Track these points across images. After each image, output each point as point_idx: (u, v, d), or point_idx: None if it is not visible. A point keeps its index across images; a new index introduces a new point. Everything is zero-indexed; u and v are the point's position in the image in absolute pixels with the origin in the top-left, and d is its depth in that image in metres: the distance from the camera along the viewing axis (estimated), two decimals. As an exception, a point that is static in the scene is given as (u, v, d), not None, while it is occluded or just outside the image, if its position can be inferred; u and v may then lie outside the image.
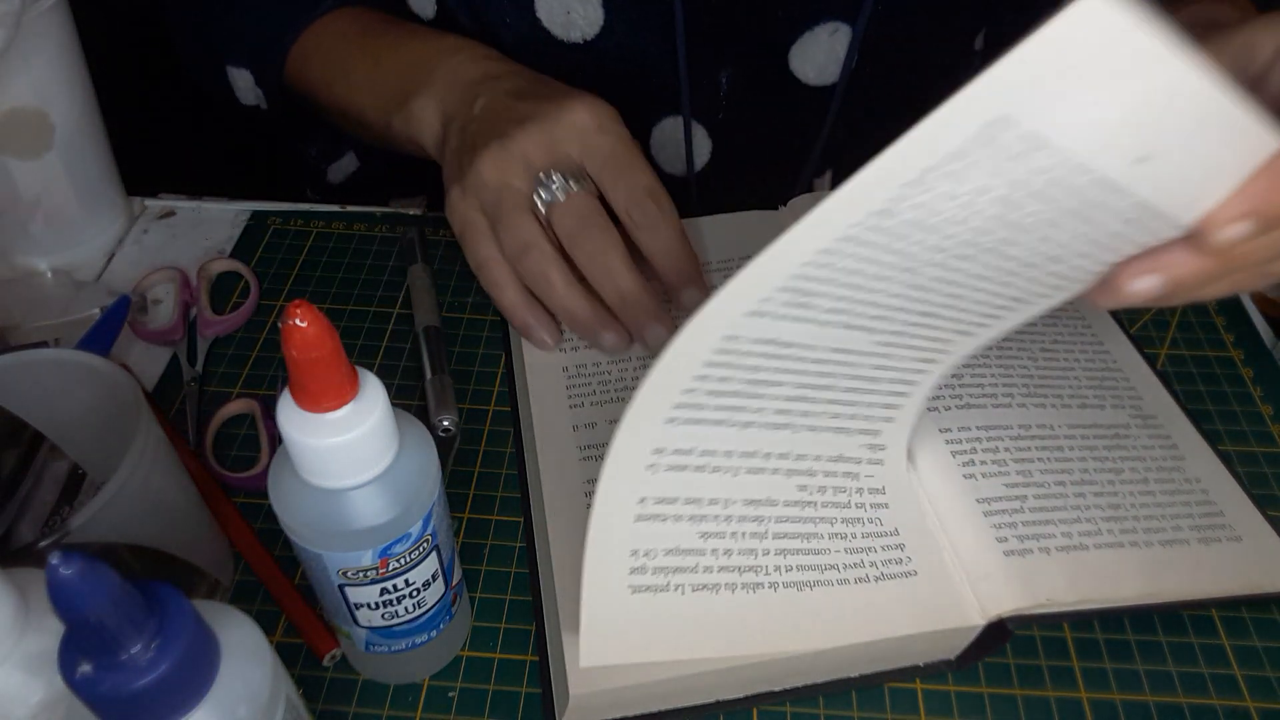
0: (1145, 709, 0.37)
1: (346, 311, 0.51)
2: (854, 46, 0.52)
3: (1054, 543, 0.38)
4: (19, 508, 0.38)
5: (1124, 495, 0.40)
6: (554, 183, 0.43)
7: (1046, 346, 0.46)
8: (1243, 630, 0.40)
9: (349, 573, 0.31)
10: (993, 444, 0.41)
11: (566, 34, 0.52)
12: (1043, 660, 0.39)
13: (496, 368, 0.49)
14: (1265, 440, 0.46)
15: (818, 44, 0.53)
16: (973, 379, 0.44)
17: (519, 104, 0.45)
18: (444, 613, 0.36)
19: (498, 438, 0.46)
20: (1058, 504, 0.39)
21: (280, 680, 0.27)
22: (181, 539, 0.36)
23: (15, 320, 0.49)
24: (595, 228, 0.43)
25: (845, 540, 0.38)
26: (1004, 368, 0.44)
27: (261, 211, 0.57)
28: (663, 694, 0.35)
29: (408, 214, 0.57)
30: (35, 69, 0.48)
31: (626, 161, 0.44)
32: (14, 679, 0.26)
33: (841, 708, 0.37)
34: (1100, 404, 0.44)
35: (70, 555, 0.21)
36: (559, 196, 0.43)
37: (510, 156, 0.44)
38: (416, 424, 0.31)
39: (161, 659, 0.23)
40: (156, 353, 0.49)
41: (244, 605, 0.33)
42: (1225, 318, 0.52)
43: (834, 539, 0.37)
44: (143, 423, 0.33)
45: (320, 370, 0.26)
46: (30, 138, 0.49)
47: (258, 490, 0.43)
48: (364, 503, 0.29)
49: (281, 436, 0.28)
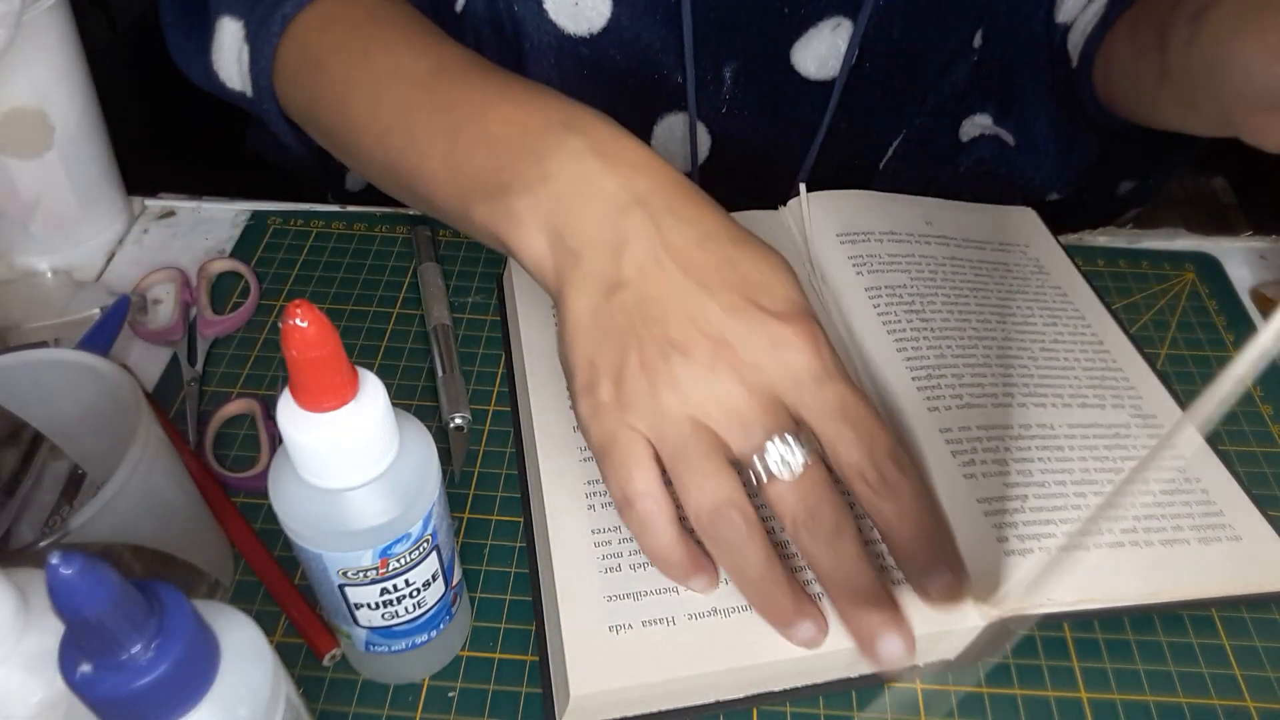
0: (1145, 709, 0.37)
1: (346, 311, 0.51)
2: (855, 41, 0.52)
3: (1054, 542, 0.38)
4: (19, 508, 0.38)
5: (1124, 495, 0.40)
6: (781, 451, 0.34)
7: (1046, 346, 0.46)
8: (1243, 630, 0.40)
9: (349, 573, 0.31)
10: (993, 444, 0.41)
11: (574, 26, 0.52)
12: (1043, 660, 0.39)
13: (496, 368, 0.49)
14: (1265, 440, 0.46)
15: (820, 38, 0.53)
16: (973, 378, 0.44)
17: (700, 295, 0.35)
18: (444, 613, 0.36)
19: (498, 438, 0.46)
20: (1058, 504, 0.39)
21: (280, 680, 0.27)
22: (181, 539, 0.36)
23: (15, 320, 0.49)
24: (829, 505, 0.34)
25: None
26: (1004, 368, 0.44)
27: (261, 211, 0.57)
28: (663, 693, 0.35)
29: (408, 214, 0.57)
30: (35, 69, 0.48)
31: (863, 415, 0.35)
32: (14, 679, 0.26)
33: (841, 707, 0.37)
34: (1100, 403, 0.44)
35: (70, 555, 0.21)
36: (792, 467, 0.34)
37: (705, 389, 0.35)
38: (417, 424, 0.31)
39: (161, 659, 0.23)
40: (156, 353, 0.49)
41: (244, 605, 0.32)
42: (1225, 318, 0.52)
43: None
44: (143, 423, 0.33)
45: (320, 370, 0.26)
46: (30, 138, 0.49)
47: (258, 490, 0.43)
48: (364, 503, 0.29)
49: (281, 436, 0.28)
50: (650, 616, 0.36)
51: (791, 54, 0.54)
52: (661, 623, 0.35)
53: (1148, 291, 0.53)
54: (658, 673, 0.34)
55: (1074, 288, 0.50)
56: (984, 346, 0.45)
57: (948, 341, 0.45)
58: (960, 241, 0.51)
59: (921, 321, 0.46)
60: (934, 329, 0.45)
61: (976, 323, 0.46)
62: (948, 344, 0.45)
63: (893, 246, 0.49)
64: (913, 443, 0.41)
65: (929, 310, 0.46)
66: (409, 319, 0.51)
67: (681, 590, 0.36)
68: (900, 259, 0.49)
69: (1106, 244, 0.56)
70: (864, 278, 0.47)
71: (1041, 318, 0.48)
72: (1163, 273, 0.54)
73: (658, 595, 0.36)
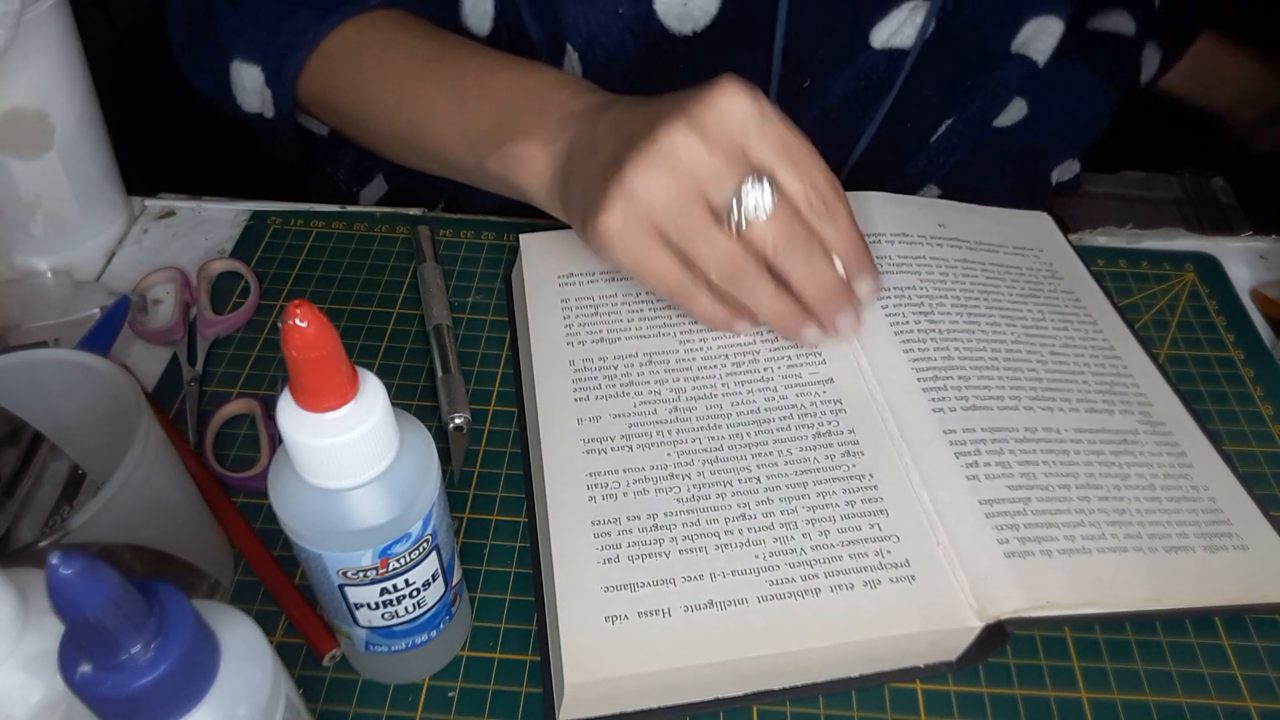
0: (1145, 709, 0.37)
1: (346, 311, 0.51)
2: (930, 16, 0.53)
3: (1056, 545, 0.38)
4: (19, 508, 0.38)
5: (1129, 500, 0.40)
6: (755, 195, 0.40)
7: (1056, 350, 0.46)
8: (1243, 630, 0.40)
9: (349, 573, 0.31)
10: (997, 445, 0.41)
11: (680, 25, 0.53)
12: (1043, 660, 0.39)
13: (496, 368, 0.49)
14: (1265, 440, 0.46)
15: (898, 17, 0.54)
16: (980, 380, 0.44)
17: (654, 104, 0.42)
18: (444, 613, 0.36)
19: (498, 438, 0.46)
20: (1061, 507, 0.39)
21: (280, 680, 0.27)
22: (181, 539, 0.36)
23: (15, 320, 0.49)
24: (800, 235, 0.41)
25: (843, 546, 0.38)
26: (1012, 370, 0.44)
27: (261, 211, 0.57)
28: (659, 686, 0.35)
29: (408, 214, 0.57)
30: (35, 69, 0.48)
31: (802, 152, 0.42)
32: (14, 679, 0.26)
33: (841, 707, 0.37)
34: (1109, 409, 0.44)
35: (70, 555, 0.21)
36: (763, 209, 0.40)
37: (672, 164, 0.40)
38: (416, 424, 0.31)
39: (161, 659, 0.23)
40: (156, 353, 0.49)
41: (244, 605, 0.33)
42: (1225, 318, 0.52)
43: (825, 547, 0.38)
44: (143, 423, 0.33)
45: (320, 370, 0.26)
46: (30, 138, 0.49)
47: (258, 490, 0.43)
48: (364, 503, 0.29)
49: (281, 436, 0.28)
50: (646, 608, 0.36)
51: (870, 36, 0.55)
52: (657, 614, 0.36)
53: (1148, 291, 0.53)
54: (653, 664, 0.35)
55: (1087, 293, 0.50)
56: (992, 349, 0.45)
57: (955, 343, 0.45)
58: (973, 245, 0.51)
59: (930, 323, 0.46)
60: (942, 331, 0.46)
61: (986, 325, 0.46)
62: (955, 345, 0.45)
63: (903, 248, 0.49)
64: (916, 443, 0.41)
65: (938, 312, 0.46)
66: (409, 319, 0.51)
67: (678, 582, 0.37)
68: (910, 260, 0.49)
69: (1106, 244, 0.56)
70: None
71: (1053, 322, 0.48)
72: (1163, 273, 0.54)
73: (654, 587, 0.36)
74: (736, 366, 0.44)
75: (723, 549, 0.38)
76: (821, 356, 0.45)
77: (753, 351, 0.45)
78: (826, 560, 0.37)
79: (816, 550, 0.37)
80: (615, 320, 0.46)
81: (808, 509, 0.39)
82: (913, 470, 0.40)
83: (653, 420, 0.42)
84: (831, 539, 0.38)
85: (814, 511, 0.39)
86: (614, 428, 0.42)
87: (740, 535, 0.38)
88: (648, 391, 0.43)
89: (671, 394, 0.43)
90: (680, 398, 0.43)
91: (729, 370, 0.44)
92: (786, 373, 0.44)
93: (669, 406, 0.43)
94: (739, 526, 0.38)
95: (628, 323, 0.46)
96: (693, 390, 0.43)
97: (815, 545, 0.38)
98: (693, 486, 0.40)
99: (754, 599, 0.36)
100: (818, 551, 0.37)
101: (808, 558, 0.37)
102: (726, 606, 0.36)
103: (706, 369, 0.44)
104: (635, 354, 0.45)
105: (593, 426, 0.42)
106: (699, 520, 0.38)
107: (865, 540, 0.38)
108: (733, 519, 0.38)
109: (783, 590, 0.36)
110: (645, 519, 0.39)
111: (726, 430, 0.42)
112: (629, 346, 0.45)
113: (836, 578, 0.37)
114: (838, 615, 0.36)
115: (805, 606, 0.36)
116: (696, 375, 0.44)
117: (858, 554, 0.37)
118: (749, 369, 0.44)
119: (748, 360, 0.44)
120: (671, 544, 0.38)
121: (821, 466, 0.40)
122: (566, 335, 0.46)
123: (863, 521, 0.38)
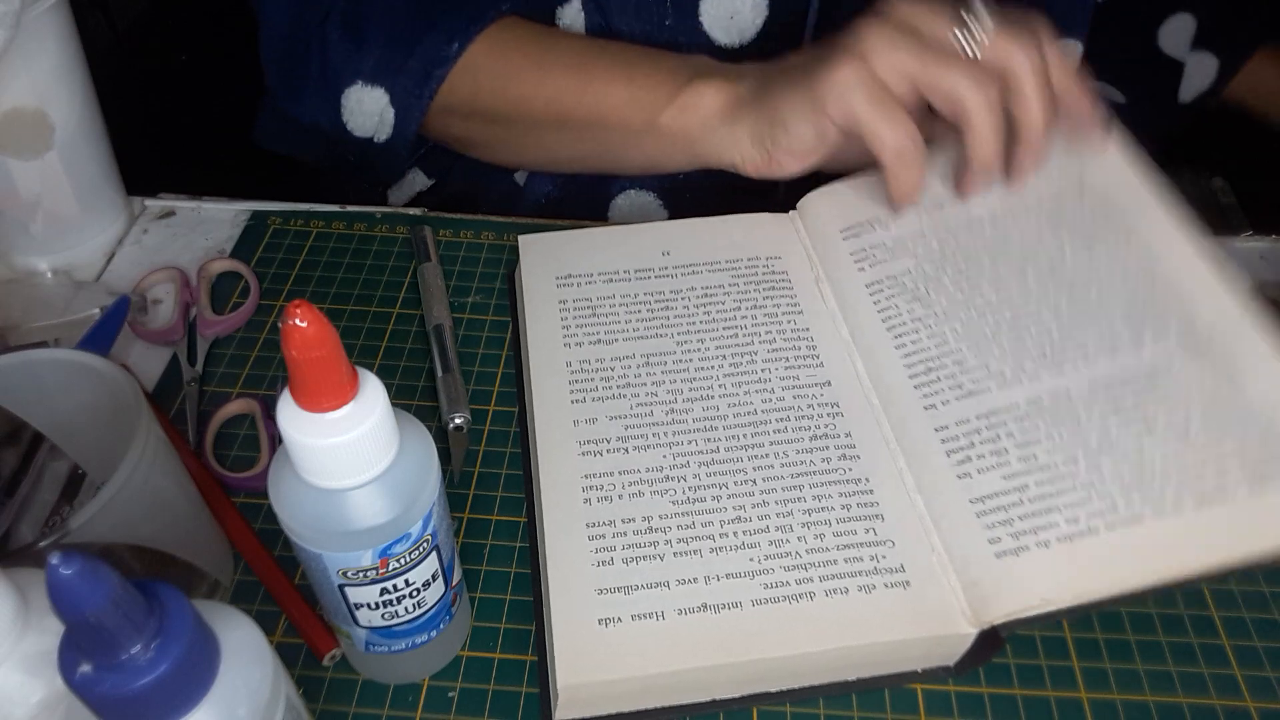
0: (1145, 709, 0.37)
1: (346, 311, 0.51)
2: None
3: (1055, 533, 0.36)
4: (19, 508, 0.38)
5: (1153, 453, 0.37)
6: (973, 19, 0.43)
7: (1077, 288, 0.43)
8: (1243, 630, 0.40)
9: (349, 573, 0.31)
10: (993, 432, 0.40)
11: (726, 37, 0.53)
12: (1043, 660, 0.39)
13: (496, 368, 0.49)
14: (1265, 440, 0.46)
15: None
16: (976, 361, 0.42)
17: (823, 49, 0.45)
18: (444, 613, 0.36)
19: (498, 438, 0.46)
20: (1065, 485, 0.37)
21: (280, 680, 0.27)
22: (181, 539, 0.36)
23: (15, 320, 0.49)
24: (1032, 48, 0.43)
25: (838, 550, 0.38)
26: (1016, 336, 0.42)
27: (261, 211, 0.57)
28: (654, 688, 0.35)
29: (408, 214, 0.57)
30: (35, 69, 0.48)
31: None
32: (14, 679, 0.26)
33: (841, 708, 0.37)
34: (1138, 340, 0.41)
35: (70, 555, 0.21)
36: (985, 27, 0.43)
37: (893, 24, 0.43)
38: (416, 424, 0.31)
39: (161, 659, 0.23)
40: (156, 353, 0.49)
41: (244, 605, 0.33)
42: (1225, 318, 0.52)
43: (821, 551, 0.37)
44: (143, 423, 0.33)
45: (320, 370, 0.26)
46: (30, 138, 0.49)
47: (258, 490, 0.43)
48: (364, 503, 0.29)
49: (281, 436, 0.28)
50: (640, 611, 0.36)
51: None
52: (651, 617, 0.36)
53: (1147, 292, 0.53)
54: (646, 667, 0.34)
55: (1119, 187, 0.46)
56: (995, 317, 0.43)
57: (953, 323, 0.43)
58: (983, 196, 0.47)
59: (924, 309, 0.44)
60: (937, 313, 0.44)
61: (988, 289, 0.44)
62: (952, 326, 0.43)
63: (898, 229, 0.47)
64: (908, 445, 0.41)
65: (933, 293, 0.45)
66: (409, 319, 0.51)
67: (672, 585, 0.36)
68: (905, 240, 0.47)
69: (1106, 244, 0.56)
70: (865, 273, 0.47)
71: (1073, 249, 0.44)
72: (1162, 273, 0.54)
73: (648, 590, 0.36)
74: (734, 368, 0.44)
75: (717, 552, 0.37)
76: (819, 359, 0.44)
77: (750, 353, 0.45)
78: (821, 564, 0.37)
79: (811, 554, 0.37)
80: (613, 321, 0.46)
81: (803, 512, 0.39)
82: (907, 475, 0.40)
83: (649, 422, 0.42)
84: (827, 543, 0.38)
85: (809, 515, 0.39)
86: (610, 429, 0.42)
87: (735, 538, 0.38)
88: (644, 393, 0.43)
89: (668, 395, 0.43)
90: (677, 399, 0.43)
91: (726, 371, 0.44)
92: (784, 374, 0.44)
93: (666, 408, 0.42)
94: (734, 529, 0.38)
95: (625, 324, 0.46)
96: (690, 392, 0.43)
97: (810, 549, 0.37)
98: (688, 489, 0.40)
99: (748, 602, 0.36)
100: (813, 555, 0.37)
101: (802, 561, 0.37)
102: (720, 610, 0.36)
103: (704, 370, 0.44)
104: (632, 355, 0.45)
105: (589, 428, 0.42)
106: (694, 523, 0.38)
107: (860, 545, 0.38)
108: (728, 522, 0.38)
109: (777, 594, 0.36)
110: (640, 521, 0.38)
111: (723, 432, 0.42)
112: (626, 348, 0.45)
113: (831, 582, 0.37)
114: (831, 620, 0.36)
115: (799, 611, 0.36)
116: (694, 376, 0.44)
117: (853, 559, 0.37)
118: (746, 370, 0.44)
119: (745, 361, 0.44)
120: (666, 547, 0.38)
121: (818, 470, 0.40)
122: (564, 336, 0.46)
123: (858, 526, 0.38)
